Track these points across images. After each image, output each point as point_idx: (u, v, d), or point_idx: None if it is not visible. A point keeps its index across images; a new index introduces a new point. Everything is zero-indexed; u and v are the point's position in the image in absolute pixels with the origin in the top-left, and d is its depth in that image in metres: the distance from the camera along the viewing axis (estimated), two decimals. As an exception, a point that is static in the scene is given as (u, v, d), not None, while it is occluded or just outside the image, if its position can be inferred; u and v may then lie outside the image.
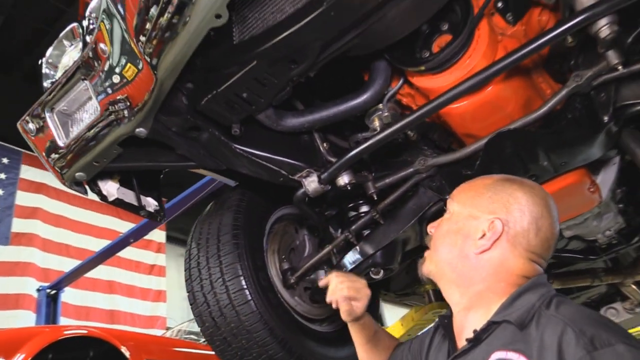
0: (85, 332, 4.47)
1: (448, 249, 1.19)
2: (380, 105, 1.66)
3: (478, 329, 1.08)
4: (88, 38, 1.66)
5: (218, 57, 1.40)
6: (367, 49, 1.44)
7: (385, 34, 1.37)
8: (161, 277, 9.21)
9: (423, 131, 1.77)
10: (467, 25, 1.42)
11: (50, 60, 1.84)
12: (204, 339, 5.85)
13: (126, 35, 1.35)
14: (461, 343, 1.14)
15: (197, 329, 7.28)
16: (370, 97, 1.58)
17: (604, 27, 1.32)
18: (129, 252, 7.93)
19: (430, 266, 1.23)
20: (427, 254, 1.26)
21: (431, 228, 1.28)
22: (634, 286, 3.22)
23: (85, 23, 1.69)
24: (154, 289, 8.94)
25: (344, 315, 1.51)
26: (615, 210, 2.27)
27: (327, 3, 1.20)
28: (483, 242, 1.13)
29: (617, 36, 1.35)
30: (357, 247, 1.88)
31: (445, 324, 1.24)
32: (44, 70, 1.84)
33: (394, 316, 5.06)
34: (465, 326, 1.15)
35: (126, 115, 1.44)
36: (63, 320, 6.80)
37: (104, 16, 1.42)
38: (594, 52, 1.43)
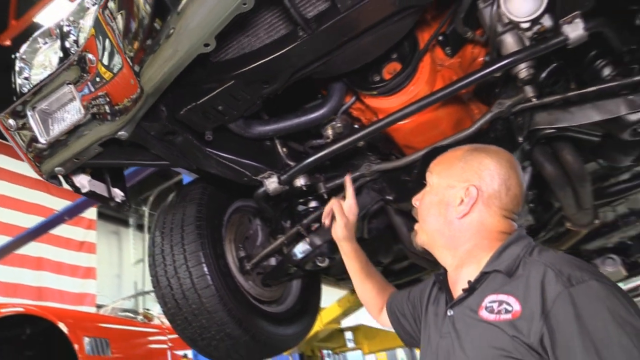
0: (22, 309, 4.50)
1: (434, 218, 1.33)
2: (334, 117, 1.90)
3: (472, 280, 1.23)
4: (67, 43, 1.81)
5: (199, 74, 1.59)
6: (329, 74, 1.67)
7: (345, 64, 1.61)
8: (91, 254, 9.12)
9: (370, 140, 2.03)
10: (414, 58, 1.68)
11: (24, 57, 1.95)
12: (141, 317, 5.95)
13: (116, 52, 1.50)
14: (457, 294, 1.28)
15: (130, 306, 7.32)
16: (327, 112, 1.81)
17: (522, 70, 1.62)
18: (58, 229, 7.82)
19: (423, 236, 1.38)
20: (417, 226, 1.41)
21: (415, 201, 1.43)
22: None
23: (64, 25, 1.83)
24: (84, 265, 8.86)
25: (338, 230, 1.72)
26: (526, 209, 2.64)
27: (300, 39, 1.42)
28: (462, 208, 1.27)
29: (533, 76, 1.65)
30: (307, 239, 2.13)
31: (441, 280, 1.37)
32: (18, 65, 1.95)
33: (331, 298, 5.40)
34: (460, 280, 1.29)
35: (109, 119, 1.60)
36: (-11, 297, 6.69)
37: (94, 29, 1.56)
38: (515, 84, 1.73)
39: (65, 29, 1.84)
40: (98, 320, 5.28)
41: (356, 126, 2.01)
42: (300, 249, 2.14)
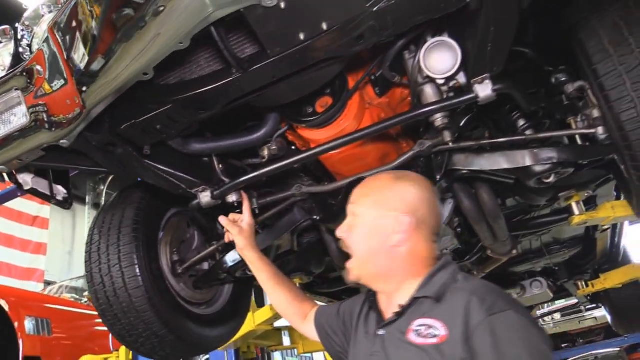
0: (-38, 285, 4.52)
1: (368, 251, 1.37)
2: (270, 139, 2.03)
3: (403, 303, 1.31)
4: (20, 47, 1.90)
5: (141, 93, 1.70)
6: (264, 104, 1.81)
7: (277, 98, 1.75)
8: (43, 229, 9.06)
9: (303, 164, 2.17)
10: (343, 97, 1.82)
11: (-22, 54, 2.03)
12: (85, 299, 5.99)
13: (63, 68, 1.61)
14: (388, 315, 1.36)
15: (79, 285, 7.31)
16: (262, 136, 1.95)
17: (438, 118, 1.79)
18: (11, 202, 7.75)
19: (355, 272, 1.42)
20: (349, 264, 1.43)
21: (342, 233, 1.46)
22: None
23: (19, 29, 1.92)
24: (35, 240, 8.81)
25: (236, 241, 1.87)
26: (452, 234, 2.83)
27: (233, 76, 1.55)
28: (396, 237, 1.33)
29: (448, 124, 1.82)
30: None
31: (372, 300, 1.44)
32: (-28, 61, 2.02)
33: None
34: (391, 303, 1.36)
35: (51, 128, 1.70)
36: None
37: (44, 45, 1.66)
38: (435, 128, 1.89)
39: (20, 33, 1.92)
40: (41, 300, 5.33)
41: (293, 147, 2.16)
42: (231, 258, 2.28)
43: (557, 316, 11.49)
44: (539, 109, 2.03)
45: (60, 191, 2.21)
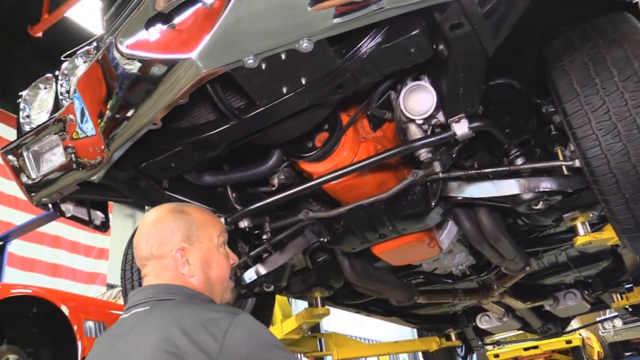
0: (30, 291, 4.97)
1: None
2: (278, 170, 2.24)
3: None
4: (60, 95, 2.18)
5: (157, 136, 1.94)
6: (266, 142, 2.02)
7: (274, 138, 1.96)
8: (106, 235, 9.61)
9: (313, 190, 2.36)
10: (336, 134, 2.01)
11: (26, 98, 2.34)
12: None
13: (89, 119, 1.87)
14: None
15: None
16: (268, 169, 2.16)
17: (422, 153, 1.94)
18: (76, 210, 8.28)
19: None
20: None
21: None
22: (492, 303, 3.96)
23: (59, 77, 2.20)
24: (98, 246, 9.36)
25: None
26: (466, 251, 2.95)
27: (230, 123, 1.76)
28: None
29: (433, 157, 1.97)
30: (254, 268, 2.49)
31: None
32: (21, 105, 2.34)
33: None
34: None
35: (85, 166, 1.97)
36: (7, 270, 7.21)
37: (75, 96, 1.93)
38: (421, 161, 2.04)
39: (60, 81, 2.21)
40: (98, 305, 5.72)
41: (303, 174, 2.36)
42: (248, 276, 2.50)
43: (618, 323, 11.12)
44: (528, 139, 2.15)
45: (99, 216, 2.49)
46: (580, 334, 8.35)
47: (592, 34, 1.78)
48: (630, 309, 5.02)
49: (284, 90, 1.64)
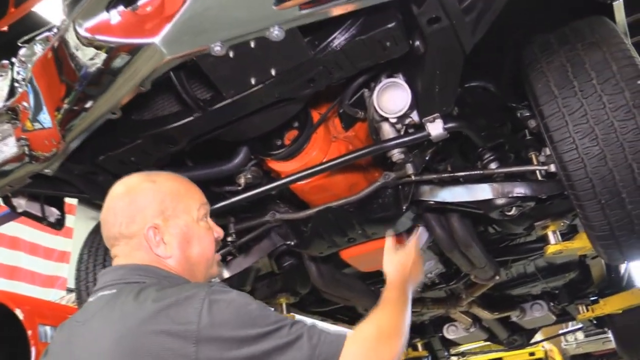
0: (-19, 296, 4.75)
1: None
2: (245, 169, 2.14)
3: None
4: (16, 83, 2.05)
5: (117, 127, 1.83)
6: (232, 139, 1.93)
7: (242, 133, 1.86)
8: (68, 238, 9.32)
9: (280, 191, 2.28)
10: (306, 132, 1.93)
11: (-20, 85, 2.20)
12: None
13: (45, 108, 1.75)
14: None
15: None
16: (235, 166, 2.06)
17: (395, 154, 1.87)
18: (38, 211, 8.01)
19: None
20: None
21: None
22: (460, 313, 3.92)
23: (16, 64, 2.08)
24: (59, 249, 9.06)
25: None
26: (436, 259, 2.89)
27: (194, 116, 1.67)
28: None
29: (406, 159, 1.90)
30: (217, 271, 2.38)
31: None
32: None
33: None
34: None
35: (38, 159, 1.85)
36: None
37: (29, 84, 1.81)
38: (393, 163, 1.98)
39: (16, 68, 2.08)
40: (55, 309, 5.51)
41: (271, 175, 2.27)
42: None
43: (580, 336, 11.28)
44: (503, 143, 2.10)
45: (54, 213, 2.36)
46: (543, 346, 8.39)
47: (571, 37, 1.74)
48: (595, 321, 5.03)
49: (253, 81, 1.55)
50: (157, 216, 1.27)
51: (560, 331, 8.88)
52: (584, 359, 11.79)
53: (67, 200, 7.68)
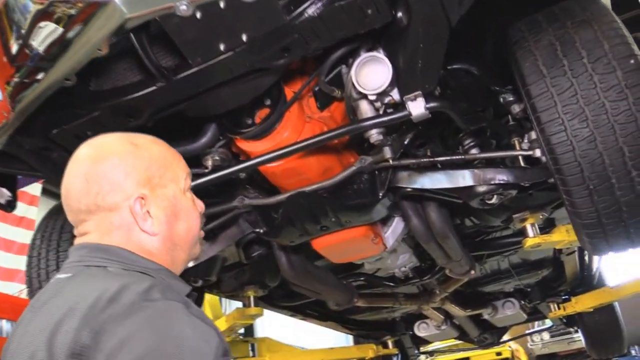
0: None
1: None
2: (212, 150, 2.01)
3: None
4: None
5: (73, 98, 1.68)
6: (199, 114, 1.79)
7: (209, 109, 1.73)
8: (29, 230, 9.00)
9: (249, 173, 2.14)
10: (278, 109, 1.80)
11: None
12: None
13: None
14: None
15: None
16: (202, 146, 1.92)
17: (373, 134, 1.76)
18: (-3, 202, 7.71)
19: None
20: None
21: None
22: (432, 309, 3.85)
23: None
24: (19, 241, 8.72)
25: None
26: (410, 252, 2.79)
27: (156, 85, 1.53)
28: None
29: (384, 141, 1.80)
30: (181, 260, 2.23)
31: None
32: None
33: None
34: None
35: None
36: None
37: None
38: (371, 144, 1.87)
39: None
40: (14, 302, 5.28)
41: (240, 158, 2.13)
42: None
43: (546, 336, 11.40)
44: (485, 128, 2.01)
45: (4, 194, 2.18)
46: (510, 346, 8.43)
47: (560, 15, 1.66)
48: (565, 320, 5.03)
49: (222, 47, 1.42)
50: (143, 185, 1.08)
51: (527, 331, 8.94)
52: (549, 359, 11.91)
53: (30, 191, 7.43)
